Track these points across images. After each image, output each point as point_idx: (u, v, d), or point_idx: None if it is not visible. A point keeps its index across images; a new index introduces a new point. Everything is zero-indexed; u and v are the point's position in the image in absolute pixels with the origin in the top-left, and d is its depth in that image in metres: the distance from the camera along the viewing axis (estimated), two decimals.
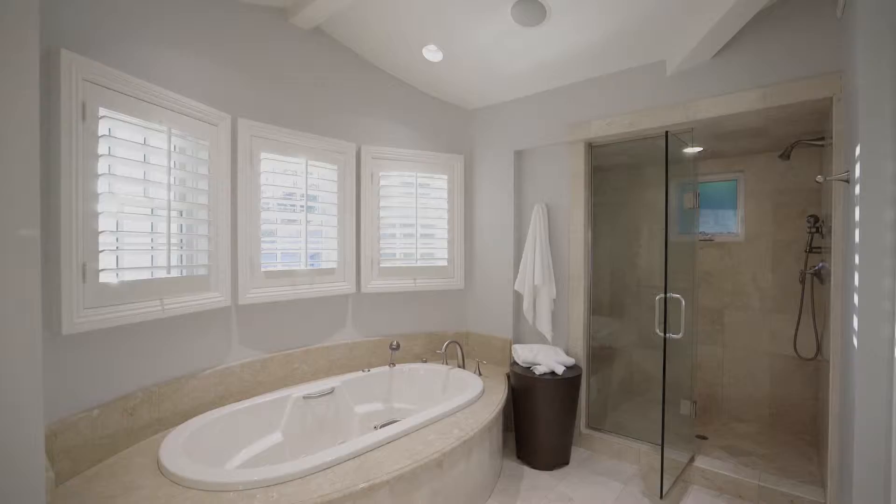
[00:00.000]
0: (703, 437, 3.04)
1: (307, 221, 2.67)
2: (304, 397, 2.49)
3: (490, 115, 3.34)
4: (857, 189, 1.51)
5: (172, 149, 2.07)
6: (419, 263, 3.20)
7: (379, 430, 2.04)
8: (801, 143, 2.69)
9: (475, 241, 3.42)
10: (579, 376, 2.70)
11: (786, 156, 2.75)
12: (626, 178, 3.84)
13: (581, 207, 2.88)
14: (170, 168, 1.93)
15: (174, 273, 2.01)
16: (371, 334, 3.09)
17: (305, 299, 2.73)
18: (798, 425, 3.16)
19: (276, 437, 2.31)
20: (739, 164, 3.41)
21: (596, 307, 3.27)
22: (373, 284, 3.03)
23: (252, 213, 2.43)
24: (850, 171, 1.69)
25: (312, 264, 2.75)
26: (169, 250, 1.93)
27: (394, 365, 3.02)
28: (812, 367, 3.07)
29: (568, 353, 2.93)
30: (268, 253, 2.57)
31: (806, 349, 2.98)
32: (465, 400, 2.41)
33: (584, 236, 2.88)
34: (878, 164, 1.44)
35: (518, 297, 3.17)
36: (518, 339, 3.22)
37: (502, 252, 3.25)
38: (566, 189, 2.96)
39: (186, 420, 2.04)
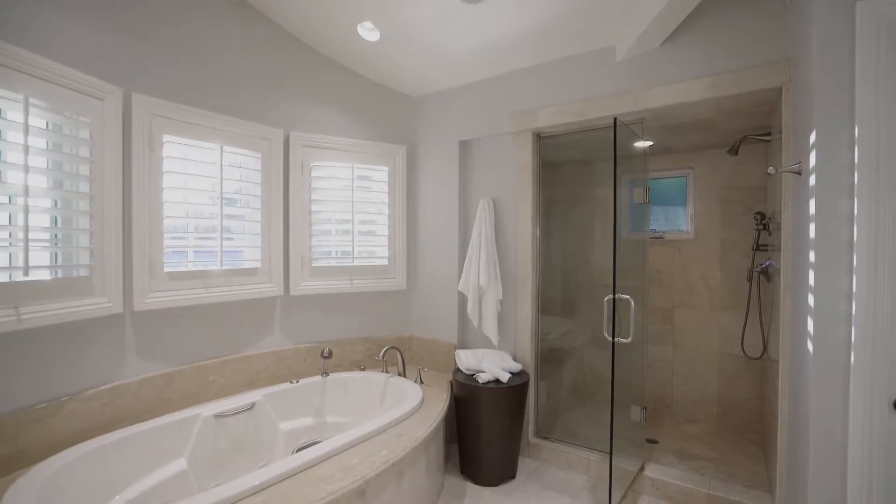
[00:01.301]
0: (654, 441, 2.94)
1: (223, 215, 2.35)
2: (216, 416, 2.17)
3: (434, 102, 3.11)
4: (812, 179, 1.39)
5: (45, 125, 1.73)
6: (356, 262, 2.93)
7: (294, 454, 1.77)
8: (748, 137, 2.62)
9: (419, 238, 3.19)
10: (526, 383, 2.53)
11: (734, 151, 2.69)
12: (579, 173, 3.72)
13: (529, 202, 2.70)
14: (27, 147, 1.58)
15: (38, 275, 1.66)
16: (302, 341, 2.80)
17: (223, 303, 2.41)
18: (745, 425, 3.13)
19: (178, 466, 1.99)
20: (689, 161, 3.35)
21: (546, 308, 3.12)
22: (304, 286, 2.74)
23: (152, 205, 2.09)
24: (803, 161, 1.58)
25: (232, 264, 2.44)
26: (27, 248, 1.58)
27: (327, 374, 2.74)
28: (758, 366, 3.05)
29: (515, 358, 2.75)
30: (176, 251, 2.24)
31: (753, 348, 2.95)
32: (399, 414, 2.17)
33: (532, 233, 2.70)
34: (834, 152, 1.32)
35: (464, 299, 2.97)
36: (464, 344, 3.02)
37: (447, 250, 3.04)
38: (514, 182, 2.78)
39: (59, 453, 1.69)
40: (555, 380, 3.25)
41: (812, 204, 1.39)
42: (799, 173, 1.63)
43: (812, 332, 1.35)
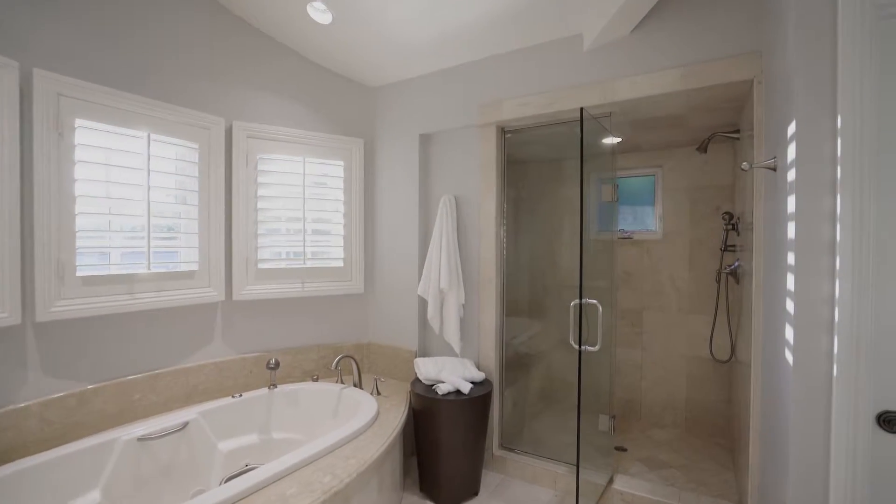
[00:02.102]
0: (623, 449, 2.84)
1: (150, 213, 2.09)
2: (139, 439, 1.92)
3: (393, 93, 2.92)
4: (791, 175, 1.27)
5: None
6: (309, 264, 2.71)
7: (223, 485, 1.55)
8: (717, 135, 2.55)
9: (377, 238, 2.99)
10: (490, 394, 2.37)
11: (703, 149, 2.61)
12: (546, 171, 3.60)
13: (493, 199, 2.54)
14: None
15: None
16: (247, 350, 2.55)
17: (153, 311, 2.15)
18: (713, 428, 3.07)
19: (90, 500, 1.73)
20: (657, 159, 3.27)
21: (513, 311, 2.98)
22: (249, 290, 2.50)
23: (62, 200, 1.82)
24: (779, 157, 1.48)
25: (164, 266, 2.18)
26: None
27: (274, 386, 2.51)
28: (726, 369, 2.99)
29: (479, 366, 2.59)
30: (92, 251, 1.97)
31: (721, 351, 2.88)
32: (348, 432, 1.97)
33: (496, 232, 2.55)
34: (815, 144, 1.21)
35: (426, 303, 2.78)
36: (425, 351, 2.84)
37: (408, 251, 2.85)
38: (477, 179, 2.62)
39: None
40: (521, 386, 3.11)
41: (791, 201, 1.27)
42: (774, 169, 1.53)
43: (792, 341, 1.23)
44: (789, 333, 1.27)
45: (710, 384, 3.08)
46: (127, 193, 2.05)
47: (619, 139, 2.89)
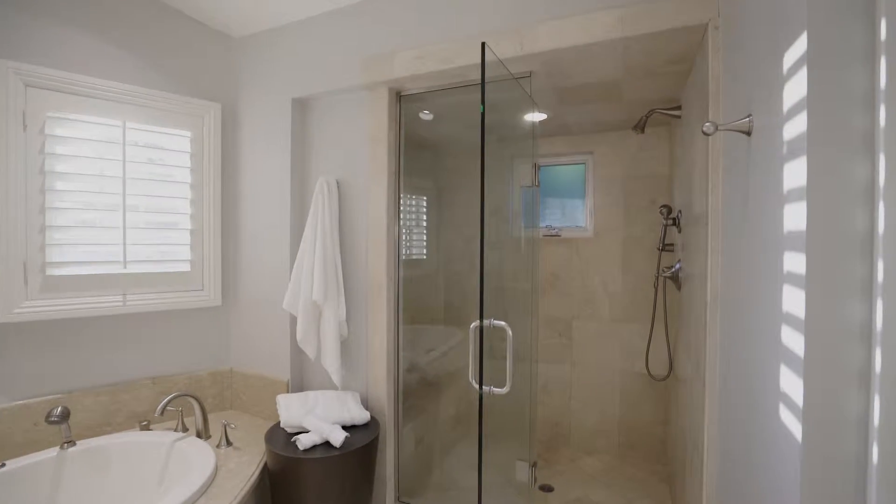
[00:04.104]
0: (549, 489, 2.36)
1: None
2: None
3: (262, 45, 2.24)
4: (796, 127, 0.79)
5: None
6: (136, 268, 1.97)
7: None
8: (656, 112, 2.14)
9: (241, 233, 2.29)
10: (376, 440, 1.77)
11: (640, 128, 2.20)
12: (466, 158, 3.07)
13: (384, 183, 1.95)
14: None
15: None
16: (33, 393, 1.78)
17: None
18: (648, 453, 2.69)
19: None
20: (588, 144, 2.85)
21: (425, 321, 2.42)
22: (29, 307, 1.73)
23: None
24: (756, 113, 1.02)
25: None
26: None
27: (71, 444, 1.75)
28: (663, 385, 2.62)
29: (367, 401, 1.99)
30: None
31: (658, 366, 2.50)
32: None
33: (388, 226, 1.96)
34: (838, 76, 0.73)
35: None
36: (301, 381, 2.19)
37: (279, 251, 2.18)
38: (365, 157, 2.02)
39: None
40: (430, 416, 2.55)
41: (793, 170, 0.79)
42: (748, 133, 1.06)
43: (801, 400, 0.75)
44: (792, 385, 0.79)
45: (645, 404, 2.70)
46: None
47: (544, 115, 2.41)
